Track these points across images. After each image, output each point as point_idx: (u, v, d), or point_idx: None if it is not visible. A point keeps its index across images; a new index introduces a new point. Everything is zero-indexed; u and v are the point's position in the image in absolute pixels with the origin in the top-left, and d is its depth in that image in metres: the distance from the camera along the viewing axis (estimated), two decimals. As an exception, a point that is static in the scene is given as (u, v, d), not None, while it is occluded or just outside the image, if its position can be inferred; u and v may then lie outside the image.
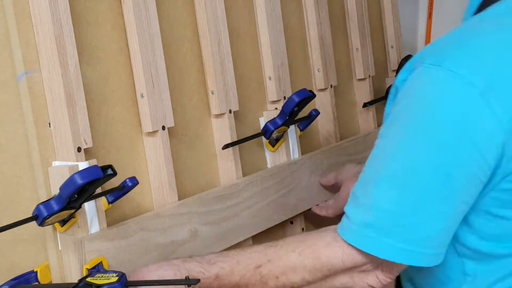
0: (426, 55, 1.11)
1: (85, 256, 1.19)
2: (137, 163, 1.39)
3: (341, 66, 2.07)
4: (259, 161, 1.71)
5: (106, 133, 1.33)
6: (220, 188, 1.52)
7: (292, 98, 1.64)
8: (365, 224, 1.10)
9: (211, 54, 1.53)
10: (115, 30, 1.36)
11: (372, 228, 1.10)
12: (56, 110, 1.21)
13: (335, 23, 2.05)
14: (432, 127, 1.05)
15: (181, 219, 1.39)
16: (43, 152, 1.21)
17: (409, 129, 1.08)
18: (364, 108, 2.14)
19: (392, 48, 2.32)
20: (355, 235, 1.12)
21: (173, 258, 1.22)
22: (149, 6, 1.38)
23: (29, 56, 1.20)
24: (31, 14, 1.20)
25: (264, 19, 1.71)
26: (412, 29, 2.65)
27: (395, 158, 1.09)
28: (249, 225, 1.56)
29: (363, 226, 1.11)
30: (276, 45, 1.73)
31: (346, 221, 1.15)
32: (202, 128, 1.55)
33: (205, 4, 1.52)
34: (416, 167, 1.07)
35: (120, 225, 1.27)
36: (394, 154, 1.09)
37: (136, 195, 1.36)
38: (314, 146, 1.93)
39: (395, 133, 1.10)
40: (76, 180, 1.09)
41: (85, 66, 1.29)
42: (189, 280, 1.10)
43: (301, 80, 1.88)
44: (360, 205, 1.12)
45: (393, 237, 1.08)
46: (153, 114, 1.38)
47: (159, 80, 1.39)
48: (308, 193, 1.76)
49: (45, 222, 1.13)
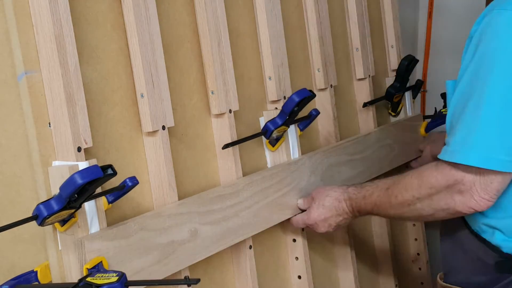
0: (493, 5, 1.33)
1: (85, 256, 1.19)
2: (137, 163, 1.39)
3: (341, 66, 2.07)
4: (259, 161, 1.71)
5: (106, 133, 1.33)
6: (220, 188, 1.52)
7: (292, 98, 1.64)
8: (456, 142, 1.33)
9: (211, 54, 1.53)
10: (115, 30, 1.36)
11: (463, 143, 1.31)
12: (56, 110, 1.21)
13: (335, 23, 2.05)
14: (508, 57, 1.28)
15: (181, 219, 1.39)
16: (43, 152, 1.21)
17: (486, 65, 1.30)
18: (364, 108, 2.14)
19: (392, 48, 2.32)
20: (445, 153, 1.35)
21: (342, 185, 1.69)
22: (149, 6, 1.38)
23: (29, 56, 1.20)
24: (31, 14, 1.20)
25: (264, 19, 1.71)
26: (412, 29, 2.65)
27: (489, 85, 1.29)
28: (249, 225, 1.56)
29: (455, 144, 1.33)
30: (276, 45, 1.73)
31: (444, 148, 1.37)
32: (202, 128, 1.55)
33: (205, 4, 1.52)
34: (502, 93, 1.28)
35: (120, 225, 1.27)
36: (486, 83, 1.29)
37: (136, 195, 1.37)
38: (314, 146, 1.93)
39: (482, 71, 1.30)
40: (76, 180, 1.09)
41: (85, 66, 1.29)
42: (189, 280, 1.10)
43: (301, 80, 1.88)
44: (456, 131, 1.34)
45: (484, 148, 1.29)
46: (153, 114, 1.38)
47: (159, 80, 1.39)
48: (308, 193, 1.76)
49: (45, 222, 1.13)
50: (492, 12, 1.32)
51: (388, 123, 2.28)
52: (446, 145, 1.37)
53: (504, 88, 1.28)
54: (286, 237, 1.77)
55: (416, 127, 2.34)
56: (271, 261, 1.73)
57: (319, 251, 1.90)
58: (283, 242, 1.77)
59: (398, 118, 2.31)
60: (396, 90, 2.19)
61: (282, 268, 1.77)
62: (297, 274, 1.77)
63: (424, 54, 2.67)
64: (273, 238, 1.74)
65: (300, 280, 1.77)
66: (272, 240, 1.73)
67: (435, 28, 2.62)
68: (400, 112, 2.31)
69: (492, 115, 1.29)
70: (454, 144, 1.34)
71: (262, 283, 1.66)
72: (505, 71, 1.28)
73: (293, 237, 1.76)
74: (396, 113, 2.29)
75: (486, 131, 1.30)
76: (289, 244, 1.77)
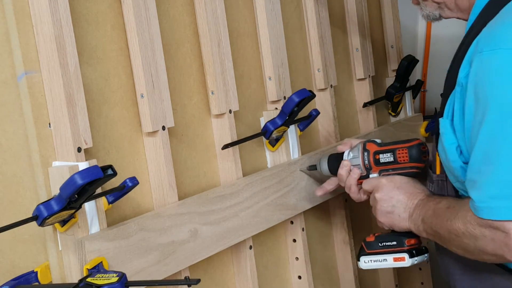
0: (480, 47, 1.25)
1: (85, 256, 1.19)
2: (137, 163, 1.39)
3: (341, 66, 2.07)
4: (259, 161, 1.71)
5: (106, 133, 1.33)
6: (220, 188, 1.52)
7: (292, 98, 1.64)
8: (493, 196, 1.23)
9: (211, 54, 1.53)
10: (115, 30, 1.36)
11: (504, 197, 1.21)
12: (56, 110, 1.21)
13: (335, 23, 2.05)
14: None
15: (181, 219, 1.39)
16: (43, 152, 1.21)
17: (504, 109, 1.21)
18: (364, 108, 2.14)
19: (392, 48, 2.32)
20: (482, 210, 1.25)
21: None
22: (149, 6, 1.38)
23: (29, 56, 1.20)
24: (31, 14, 1.20)
25: (264, 19, 1.71)
26: (412, 29, 2.65)
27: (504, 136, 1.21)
28: (249, 225, 1.56)
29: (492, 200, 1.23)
30: (276, 45, 1.73)
31: (472, 205, 1.27)
32: (202, 128, 1.55)
33: (205, 4, 1.52)
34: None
35: (120, 225, 1.27)
36: (502, 132, 1.21)
37: (136, 195, 1.36)
38: (314, 146, 1.93)
39: (490, 119, 1.22)
40: (76, 180, 1.09)
41: (85, 66, 1.29)
42: (189, 280, 1.10)
43: (301, 80, 1.88)
44: (479, 187, 1.25)
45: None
46: (153, 114, 1.38)
47: (159, 80, 1.39)
48: (308, 193, 1.76)
49: (45, 222, 1.13)
50: (482, 55, 1.24)
51: (388, 123, 2.28)
52: (473, 203, 1.26)
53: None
54: (286, 237, 1.77)
55: (416, 127, 2.34)
56: (271, 261, 1.73)
57: (319, 251, 1.91)
58: (283, 242, 1.77)
59: (398, 118, 2.31)
60: (396, 90, 2.19)
61: (282, 268, 1.77)
62: (297, 274, 1.77)
63: (424, 54, 2.67)
64: (273, 238, 1.74)
65: (300, 280, 1.77)
66: (272, 240, 1.73)
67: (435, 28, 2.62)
68: (400, 112, 2.31)
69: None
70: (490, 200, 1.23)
71: (262, 283, 1.66)
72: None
73: (293, 237, 1.77)
74: (396, 113, 2.29)
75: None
76: (289, 244, 1.77)
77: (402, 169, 1.55)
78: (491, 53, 1.23)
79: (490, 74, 1.23)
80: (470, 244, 1.29)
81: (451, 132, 1.34)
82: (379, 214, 1.53)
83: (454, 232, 1.32)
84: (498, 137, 1.22)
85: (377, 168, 1.58)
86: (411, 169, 1.54)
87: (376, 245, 1.56)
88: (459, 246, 1.33)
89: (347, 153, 1.62)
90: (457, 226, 1.31)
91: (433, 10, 1.50)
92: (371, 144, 1.60)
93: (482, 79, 1.24)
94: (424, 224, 1.43)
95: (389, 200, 1.51)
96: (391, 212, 1.51)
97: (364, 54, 2.12)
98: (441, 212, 1.38)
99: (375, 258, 1.56)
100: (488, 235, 1.24)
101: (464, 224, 1.29)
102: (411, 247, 1.53)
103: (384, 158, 1.57)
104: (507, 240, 1.21)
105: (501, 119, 1.22)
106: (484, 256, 1.29)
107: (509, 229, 1.21)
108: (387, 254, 1.55)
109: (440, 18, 1.51)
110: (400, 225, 1.50)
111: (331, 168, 1.67)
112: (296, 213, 1.73)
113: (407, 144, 1.55)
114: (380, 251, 1.56)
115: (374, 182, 1.55)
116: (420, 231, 1.46)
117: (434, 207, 1.41)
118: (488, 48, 1.24)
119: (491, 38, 1.26)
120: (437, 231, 1.38)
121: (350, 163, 1.61)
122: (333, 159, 1.67)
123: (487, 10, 1.34)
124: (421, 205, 1.46)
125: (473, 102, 1.26)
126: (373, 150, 1.59)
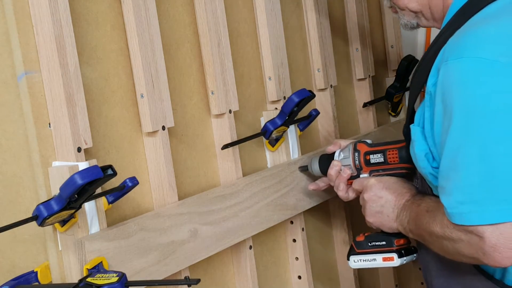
0: (445, 56, 1.28)
1: (85, 256, 1.19)
2: (137, 163, 1.39)
3: (341, 66, 2.07)
4: (259, 161, 1.71)
5: (106, 133, 1.33)
6: (220, 188, 1.52)
7: (291, 98, 1.64)
8: (461, 202, 1.24)
9: (211, 54, 1.53)
10: (115, 30, 1.36)
11: (473, 202, 1.22)
12: (56, 110, 1.21)
13: (335, 23, 2.05)
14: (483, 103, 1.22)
15: (181, 219, 1.39)
16: (43, 152, 1.21)
17: (468, 116, 1.23)
18: (364, 108, 2.14)
19: (392, 48, 2.32)
20: (454, 216, 1.25)
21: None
22: (149, 6, 1.38)
23: (29, 56, 1.20)
24: (31, 14, 1.20)
25: (264, 19, 1.71)
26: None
27: (468, 143, 1.23)
28: (249, 225, 1.56)
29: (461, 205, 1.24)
30: (276, 45, 1.73)
31: (444, 210, 1.27)
32: (202, 128, 1.55)
33: (205, 4, 1.52)
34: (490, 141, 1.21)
35: (120, 225, 1.27)
36: (466, 139, 1.23)
37: (136, 195, 1.37)
38: (314, 146, 1.93)
39: (455, 126, 1.24)
40: (76, 180, 1.09)
41: (85, 66, 1.29)
42: (189, 280, 1.10)
43: (301, 80, 1.88)
44: (449, 193, 1.26)
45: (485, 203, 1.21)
46: (153, 114, 1.38)
47: (159, 80, 1.39)
48: (308, 193, 1.76)
49: (45, 222, 1.13)
50: (448, 63, 1.26)
51: (388, 123, 2.28)
52: (448, 208, 1.26)
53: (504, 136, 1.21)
54: (286, 237, 1.77)
55: (416, 127, 2.34)
56: (271, 261, 1.73)
57: (319, 251, 1.91)
58: (283, 242, 1.77)
59: (398, 118, 2.31)
60: (396, 90, 2.20)
61: (282, 268, 1.77)
62: (297, 274, 1.78)
63: (424, 54, 2.66)
64: (273, 238, 1.74)
65: (300, 280, 1.77)
66: (272, 240, 1.73)
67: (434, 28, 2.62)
68: (400, 112, 2.31)
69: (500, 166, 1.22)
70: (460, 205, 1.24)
71: (262, 283, 1.66)
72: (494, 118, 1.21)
73: (293, 237, 1.77)
74: (396, 113, 2.29)
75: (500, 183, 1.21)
76: (289, 244, 1.77)
77: (392, 169, 1.56)
78: (455, 62, 1.25)
79: (454, 83, 1.25)
80: (449, 246, 1.30)
81: (422, 139, 1.36)
82: (368, 214, 1.54)
83: (434, 234, 1.33)
84: (462, 144, 1.24)
85: (367, 169, 1.58)
86: (401, 169, 1.55)
87: (366, 245, 1.57)
88: (440, 248, 1.34)
89: (338, 154, 1.63)
90: (436, 229, 1.32)
91: (410, 19, 1.52)
92: (362, 144, 1.60)
93: (448, 87, 1.26)
94: (409, 225, 1.45)
95: (378, 200, 1.52)
96: (380, 212, 1.52)
97: (364, 54, 2.12)
98: (422, 215, 1.39)
99: (365, 258, 1.57)
100: (465, 239, 1.26)
101: (442, 228, 1.30)
102: (400, 247, 1.54)
103: (375, 159, 1.57)
104: (482, 244, 1.22)
105: (464, 126, 1.23)
106: (463, 258, 1.30)
107: (483, 233, 1.21)
108: (377, 253, 1.56)
109: (418, 27, 1.54)
110: (389, 225, 1.52)
111: (322, 168, 1.68)
112: (296, 213, 1.73)
113: (397, 145, 1.56)
114: (370, 250, 1.56)
115: (364, 182, 1.56)
116: (407, 231, 1.47)
117: (417, 210, 1.42)
118: (453, 57, 1.26)
119: (455, 47, 1.28)
120: (420, 233, 1.40)
121: (341, 163, 1.61)
122: (324, 160, 1.68)
123: (456, 20, 1.37)
124: (407, 206, 1.47)
125: (441, 110, 1.28)
126: (363, 151, 1.59)
